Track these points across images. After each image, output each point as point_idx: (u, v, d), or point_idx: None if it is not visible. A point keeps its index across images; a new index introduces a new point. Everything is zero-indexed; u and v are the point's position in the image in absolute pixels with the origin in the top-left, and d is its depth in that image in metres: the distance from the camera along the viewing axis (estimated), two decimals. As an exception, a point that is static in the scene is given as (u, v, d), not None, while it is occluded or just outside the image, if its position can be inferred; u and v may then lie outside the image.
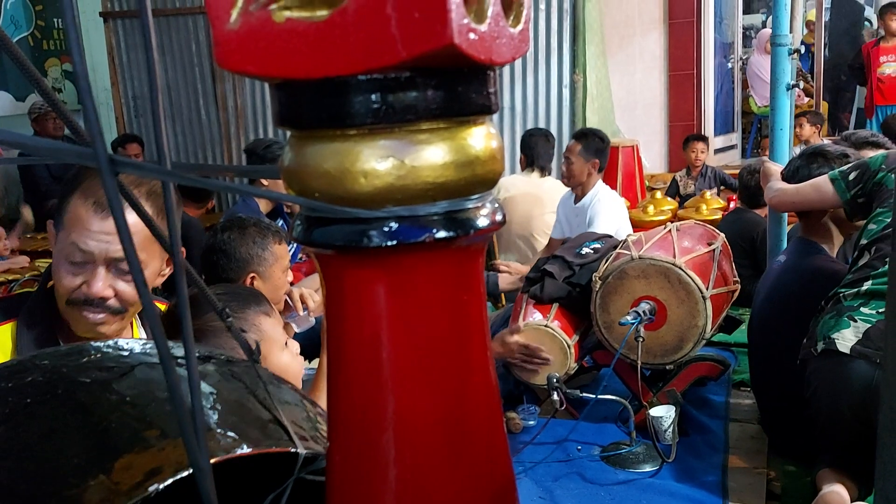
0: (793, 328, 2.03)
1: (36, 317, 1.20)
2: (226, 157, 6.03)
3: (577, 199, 3.40)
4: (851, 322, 1.82)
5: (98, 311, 1.16)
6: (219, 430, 0.49)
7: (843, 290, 1.91)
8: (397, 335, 0.34)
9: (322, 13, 0.29)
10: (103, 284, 1.15)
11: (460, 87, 0.32)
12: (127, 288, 1.15)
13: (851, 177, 2.07)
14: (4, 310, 1.22)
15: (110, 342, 0.56)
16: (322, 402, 1.45)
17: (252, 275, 1.86)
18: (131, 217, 1.15)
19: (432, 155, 0.32)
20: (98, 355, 0.55)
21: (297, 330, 2.01)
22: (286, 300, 1.99)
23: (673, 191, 5.15)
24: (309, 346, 2.19)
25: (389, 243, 0.32)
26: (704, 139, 5.35)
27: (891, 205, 1.95)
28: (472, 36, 0.30)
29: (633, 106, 5.86)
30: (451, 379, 0.35)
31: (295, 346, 1.38)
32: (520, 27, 0.35)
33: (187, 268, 0.51)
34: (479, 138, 0.33)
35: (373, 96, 0.31)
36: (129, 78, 6.12)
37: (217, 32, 0.31)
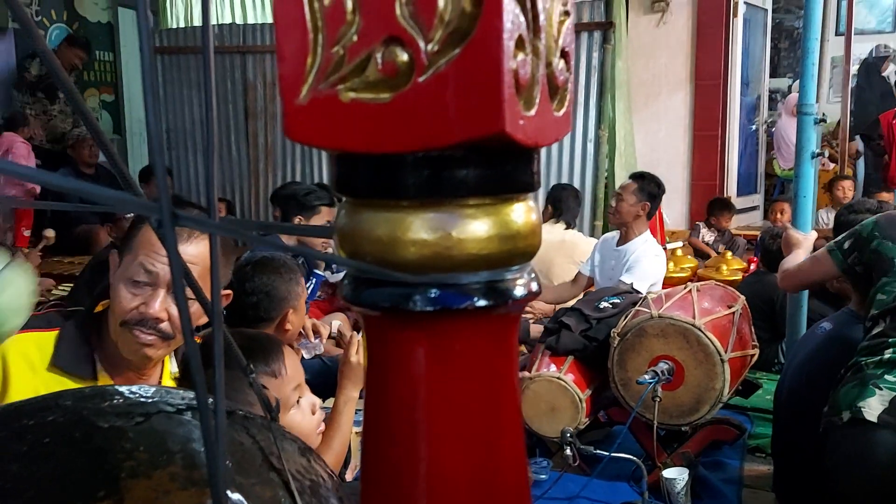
0: (827, 398, 2.00)
1: (78, 333, 1.26)
2: (253, 193, 6.12)
3: (621, 242, 3.34)
4: (877, 390, 1.80)
5: (150, 333, 1.21)
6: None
7: (862, 358, 1.90)
8: (434, 395, 0.36)
9: (385, 96, 0.32)
10: (160, 306, 1.20)
11: (507, 167, 0.34)
12: None
13: (846, 246, 2.07)
14: (54, 319, 1.28)
15: (135, 388, 0.58)
16: (336, 440, 1.45)
17: (289, 310, 1.99)
18: (194, 248, 1.18)
19: (477, 228, 0.34)
20: (120, 400, 0.57)
21: (305, 356, 2.10)
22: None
23: (693, 235, 5.23)
24: (323, 384, 2.21)
25: (432, 308, 0.34)
26: (731, 208, 5.40)
27: None
28: (521, 122, 0.33)
29: (656, 163, 5.90)
30: (483, 440, 0.37)
31: (310, 402, 1.37)
32: (563, 111, 0.38)
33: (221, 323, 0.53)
34: (521, 214, 0.36)
35: (426, 172, 0.33)
36: (165, 111, 6.27)
37: (287, 105, 0.34)
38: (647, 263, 3.20)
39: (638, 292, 2.84)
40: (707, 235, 5.27)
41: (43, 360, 1.23)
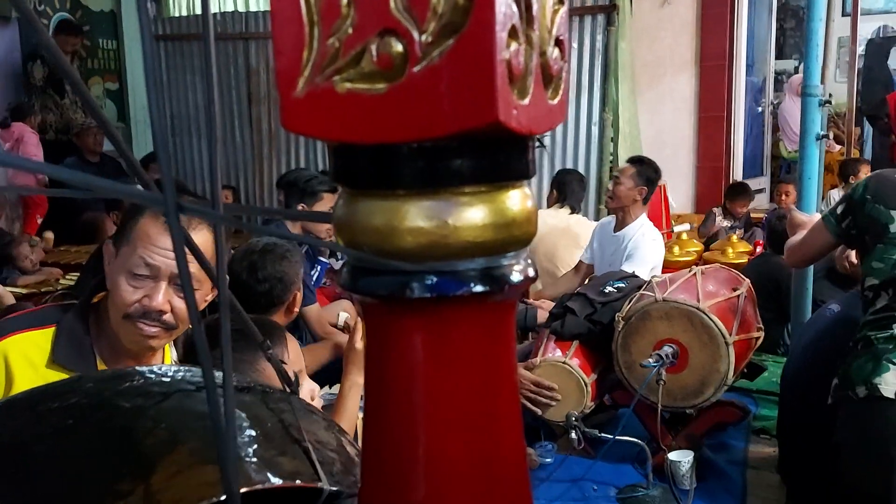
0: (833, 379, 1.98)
1: (76, 326, 1.26)
2: (257, 179, 6.13)
3: (618, 228, 3.33)
4: (891, 365, 1.79)
5: (153, 325, 1.22)
6: (248, 461, 0.51)
7: (871, 332, 1.87)
8: (432, 380, 0.36)
9: (380, 86, 0.33)
10: (163, 299, 1.20)
11: (501, 156, 0.35)
12: (182, 305, 1.22)
13: (839, 210, 2.02)
14: (49, 314, 1.29)
15: (154, 367, 0.59)
16: (342, 424, 1.47)
17: (297, 291, 2.11)
18: (198, 237, 1.18)
19: (473, 216, 0.35)
20: (140, 381, 0.58)
21: None
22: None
23: (709, 222, 5.13)
24: (329, 370, 2.24)
25: (430, 295, 0.35)
26: (749, 194, 5.32)
27: (891, 240, 1.89)
28: (515, 112, 0.33)
29: (661, 146, 5.87)
30: (480, 423, 0.37)
31: (309, 388, 1.39)
32: (558, 99, 0.38)
33: (233, 302, 0.54)
34: (517, 201, 0.36)
35: (422, 162, 0.34)
36: (168, 98, 6.27)
37: (284, 98, 0.34)
38: (645, 249, 3.19)
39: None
40: (723, 222, 5.19)
41: (42, 357, 1.23)
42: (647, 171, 3.30)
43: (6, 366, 1.22)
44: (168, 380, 0.58)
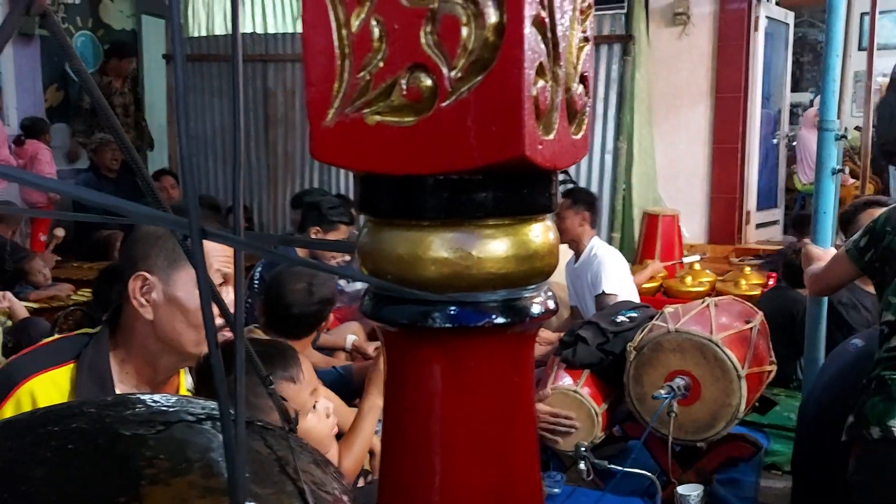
0: None
1: (96, 361, 1.22)
2: (272, 201, 6.17)
3: (576, 259, 3.39)
4: None
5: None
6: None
7: (885, 372, 1.85)
8: (451, 409, 0.37)
9: (409, 119, 0.33)
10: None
11: (525, 190, 0.35)
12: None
13: (862, 242, 2.01)
14: (65, 350, 1.24)
15: (156, 396, 0.59)
16: (357, 445, 1.47)
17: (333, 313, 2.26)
18: (227, 250, 1.17)
19: (496, 248, 0.35)
20: (142, 408, 0.58)
21: None
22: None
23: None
24: (338, 394, 2.24)
25: (451, 325, 0.35)
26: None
27: None
28: (540, 147, 0.34)
29: (675, 175, 5.87)
30: (497, 454, 0.37)
31: (324, 407, 1.40)
32: (581, 133, 0.39)
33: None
34: (539, 234, 0.37)
35: (447, 194, 0.34)
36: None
37: (314, 128, 0.35)
38: (607, 268, 3.25)
39: (616, 295, 3.02)
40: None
41: (62, 397, 1.20)
42: (580, 196, 3.39)
43: (34, 406, 1.19)
44: (170, 409, 0.57)
